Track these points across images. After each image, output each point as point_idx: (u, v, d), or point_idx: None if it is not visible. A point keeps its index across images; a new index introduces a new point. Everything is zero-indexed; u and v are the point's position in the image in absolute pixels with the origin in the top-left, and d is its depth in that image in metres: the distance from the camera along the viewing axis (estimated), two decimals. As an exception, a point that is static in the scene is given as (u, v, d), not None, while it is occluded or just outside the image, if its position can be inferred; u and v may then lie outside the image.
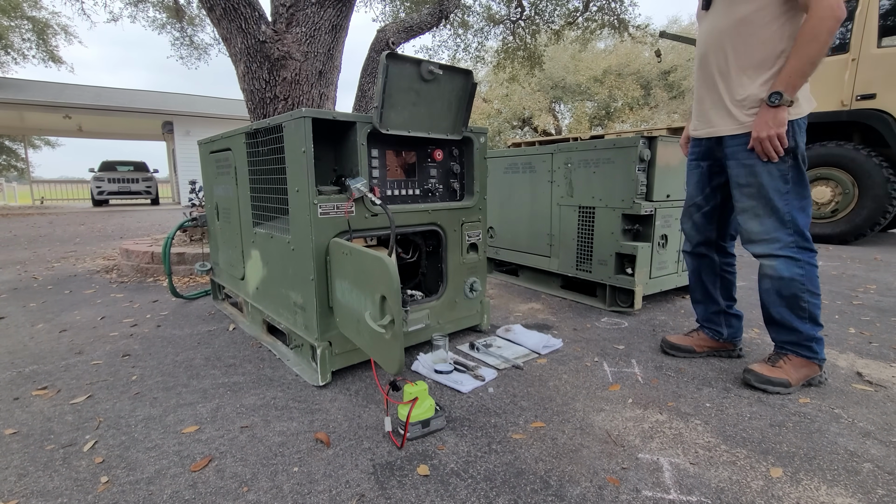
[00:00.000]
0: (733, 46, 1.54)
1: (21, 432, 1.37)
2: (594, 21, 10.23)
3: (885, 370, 1.76)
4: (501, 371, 1.75)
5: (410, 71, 1.59)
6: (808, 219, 1.55)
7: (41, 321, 2.46)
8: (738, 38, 1.52)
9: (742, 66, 1.53)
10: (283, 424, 1.39)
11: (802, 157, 1.51)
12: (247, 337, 2.16)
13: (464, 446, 1.27)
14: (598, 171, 2.56)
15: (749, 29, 1.50)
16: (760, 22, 1.48)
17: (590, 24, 10.27)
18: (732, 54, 1.54)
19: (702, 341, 1.89)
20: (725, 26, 1.55)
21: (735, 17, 1.52)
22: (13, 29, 14.40)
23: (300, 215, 1.57)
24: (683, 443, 1.28)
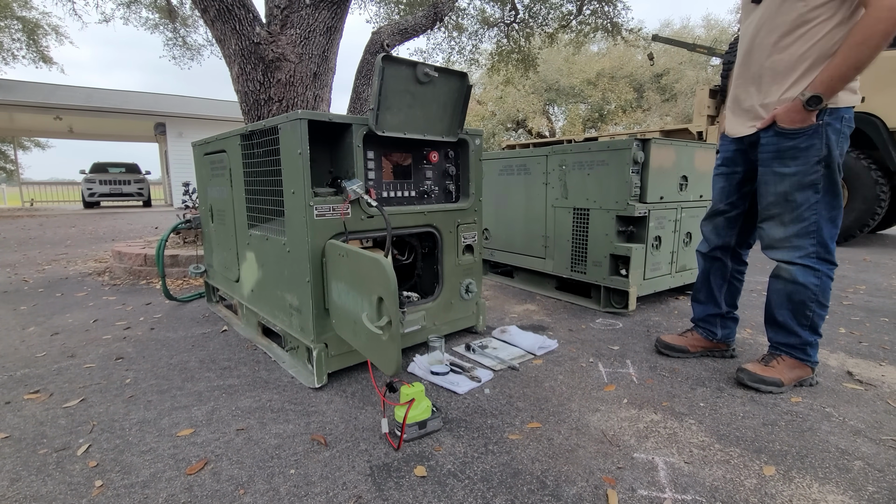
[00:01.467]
0: (785, 45, 1.46)
1: (13, 436, 1.35)
2: (588, 24, 10.29)
3: (874, 369, 1.79)
4: (497, 372, 1.75)
5: (406, 73, 1.60)
6: (835, 230, 1.51)
7: (32, 324, 2.43)
8: (789, 36, 1.45)
9: (789, 66, 1.46)
10: (280, 427, 1.38)
11: (837, 165, 1.46)
12: (242, 339, 2.15)
13: (460, 447, 1.27)
14: (593, 173, 2.58)
15: (805, 28, 1.42)
16: (818, 20, 1.40)
17: (583, 27, 10.34)
18: (781, 53, 1.47)
19: (696, 341, 1.90)
20: (778, 23, 1.47)
21: (790, 14, 1.43)
22: (2, 29, 14.25)
23: (296, 217, 1.57)
24: (678, 442, 1.29)
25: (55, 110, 13.52)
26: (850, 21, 1.39)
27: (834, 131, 1.44)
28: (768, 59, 1.51)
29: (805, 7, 1.41)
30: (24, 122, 16.37)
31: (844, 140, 1.47)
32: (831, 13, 1.39)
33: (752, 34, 1.57)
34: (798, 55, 1.45)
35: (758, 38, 1.54)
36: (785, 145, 1.49)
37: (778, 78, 1.50)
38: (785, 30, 1.46)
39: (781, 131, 1.49)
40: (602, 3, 9.90)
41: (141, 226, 8.50)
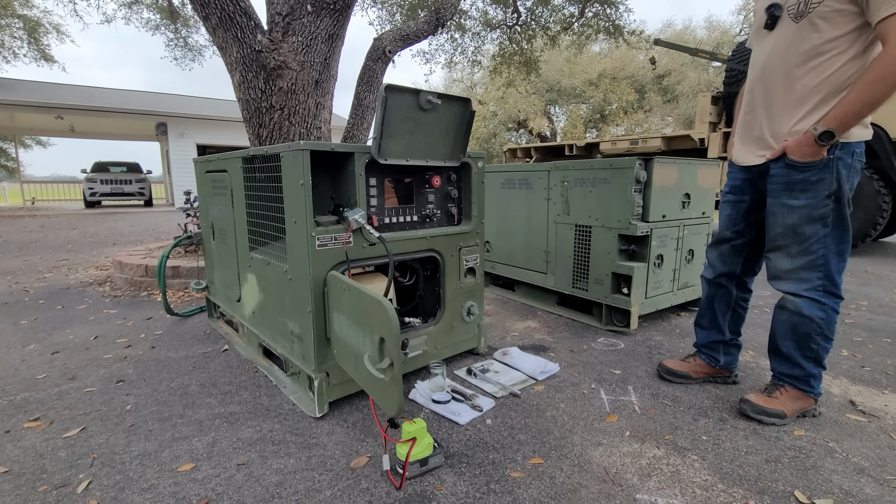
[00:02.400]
0: (798, 76, 1.44)
1: (13, 471, 1.35)
2: (590, 27, 10.26)
3: (877, 398, 1.78)
4: (499, 400, 1.75)
5: (409, 101, 1.59)
6: (843, 263, 1.51)
7: (33, 341, 2.43)
8: (803, 67, 1.43)
9: (801, 97, 1.45)
10: (281, 461, 1.38)
11: (847, 200, 1.45)
12: (242, 360, 2.14)
13: (462, 486, 1.27)
14: (595, 191, 2.57)
15: (819, 59, 1.41)
16: (832, 53, 1.39)
17: (585, 29, 10.31)
18: (793, 84, 1.45)
19: (698, 367, 1.90)
20: (791, 53, 1.45)
21: (805, 43, 1.42)
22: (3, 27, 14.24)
23: (297, 246, 1.56)
24: (681, 481, 1.29)
25: (56, 110, 13.50)
26: (865, 55, 1.38)
27: (845, 166, 1.44)
28: (780, 89, 1.50)
29: (820, 39, 1.40)
30: (26, 121, 16.36)
31: (855, 174, 1.46)
32: (846, 46, 1.38)
33: (763, 61, 1.55)
34: (811, 87, 1.44)
35: (769, 65, 1.53)
36: (795, 178, 1.48)
37: (789, 108, 1.49)
38: (798, 60, 1.45)
39: (792, 163, 1.48)
40: (604, 6, 9.87)
41: (142, 228, 8.49)
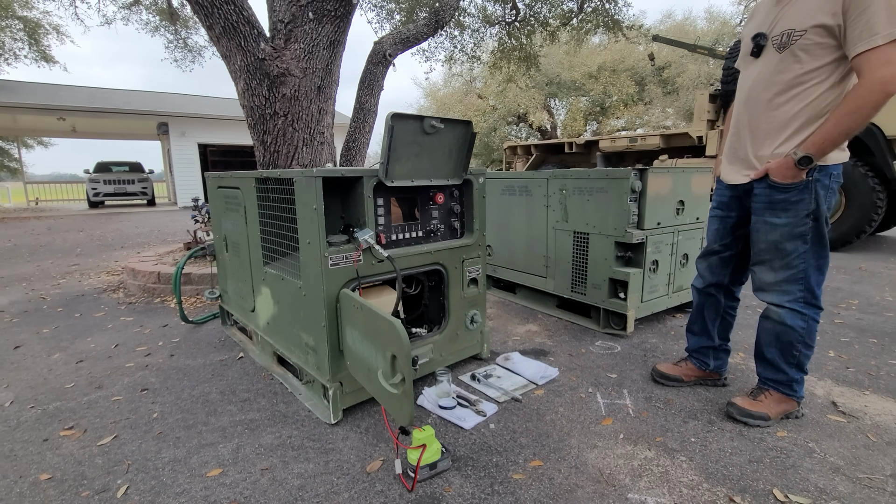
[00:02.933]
0: (780, 103, 1.54)
1: (56, 477, 1.47)
2: (589, 21, 10.27)
3: (858, 399, 1.89)
4: (501, 404, 1.86)
5: (414, 126, 1.68)
6: (822, 277, 1.61)
7: (57, 350, 2.55)
8: (784, 94, 1.53)
9: (782, 123, 1.54)
10: (301, 466, 1.49)
11: (825, 219, 1.55)
12: (258, 367, 2.26)
13: (468, 487, 1.38)
14: (592, 199, 2.67)
15: (799, 88, 1.50)
16: (812, 82, 1.48)
17: (584, 24, 10.32)
18: (775, 111, 1.55)
19: (689, 371, 2.01)
20: (775, 81, 1.54)
21: (788, 73, 1.51)
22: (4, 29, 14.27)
23: (311, 265, 1.67)
24: (669, 481, 1.40)
25: (58, 111, 13.58)
26: (842, 85, 1.48)
27: (823, 187, 1.53)
28: (763, 114, 1.60)
29: (801, 69, 1.50)
30: (28, 123, 16.44)
31: (833, 195, 1.56)
32: (825, 76, 1.48)
33: (749, 87, 1.65)
34: (792, 114, 1.53)
35: (755, 91, 1.62)
36: (777, 198, 1.58)
37: (772, 133, 1.58)
38: (780, 88, 1.54)
39: (773, 184, 1.57)
40: (603, 1, 9.88)
41: (148, 229, 8.61)
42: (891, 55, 1.33)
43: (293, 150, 4.61)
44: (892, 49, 1.33)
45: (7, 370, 2.29)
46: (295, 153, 4.61)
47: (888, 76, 1.33)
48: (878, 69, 1.34)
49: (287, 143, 4.56)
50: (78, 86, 17.32)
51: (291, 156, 4.59)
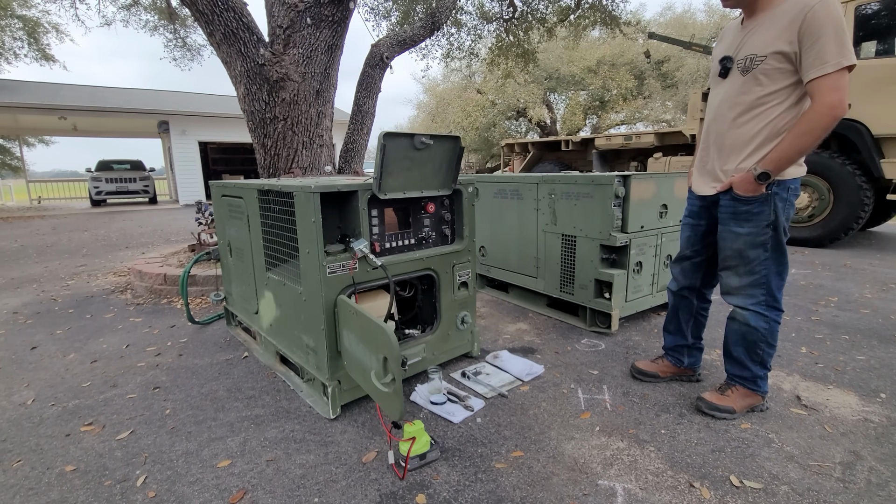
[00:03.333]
0: (743, 122, 1.67)
1: (79, 469, 1.62)
2: (586, 17, 10.33)
3: (822, 392, 2.03)
4: (489, 400, 2.00)
5: (405, 143, 1.81)
6: (782, 282, 1.75)
7: (72, 350, 2.69)
8: (747, 114, 1.66)
9: (745, 140, 1.67)
10: (303, 457, 1.64)
11: (784, 229, 1.68)
12: (262, 366, 2.40)
13: (454, 475, 1.53)
14: (579, 204, 2.79)
15: (759, 108, 1.63)
16: (771, 104, 1.61)
17: (582, 20, 10.37)
18: (739, 128, 1.68)
19: (666, 367, 2.15)
20: (738, 101, 1.67)
21: (750, 94, 1.64)
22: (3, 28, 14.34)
23: (310, 273, 1.80)
24: (637, 469, 1.54)
25: (59, 111, 13.68)
26: (798, 106, 1.60)
27: (781, 200, 1.66)
28: (728, 132, 1.72)
29: (762, 91, 1.63)
30: (29, 122, 16.54)
31: (791, 207, 1.69)
32: (783, 98, 1.61)
33: (717, 106, 1.77)
34: (754, 132, 1.66)
35: (721, 110, 1.75)
36: (740, 209, 1.71)
37: (736, 149, 1.71)
38: (743, 109, 1.67)
39: (737, 197, 1.70)
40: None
41: (151, 228, 8.75)
42: (839, 82, 1.46)
43: (293, 153, 4.73)
44: (841, 76, 1.46)
45: (26, 370, 2.44)
46: (295, 156, 4.73)
47: (836, 101, 1.46)
48: (828, 94, 1.47)
49: (287, 146, 4.68)
50: (79, 84, 17.40)
51: (291, 158, 4.72)
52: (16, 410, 2.03)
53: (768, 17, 1.60)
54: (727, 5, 1.70)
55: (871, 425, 1.78)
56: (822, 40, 1.46)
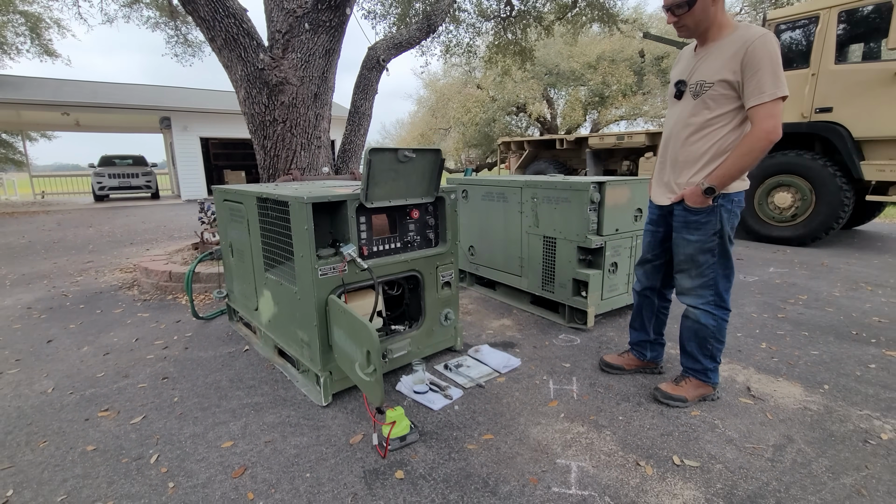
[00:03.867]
0: (693, 140, 1.85)
1: (99, 448, 1.82)
2: (583, 15, 10.44)
3: (771, 384, 2.22)
4: (467, 390, 2.20)
5: (390, 156, 1.99)
6: (729, 284, 1.94)
7: (85, 343, 2.90)
8: (696, 134, 1.84)
9: (695, 157, 1.85)
10: (297, 439, 1.84)
11: (729, 237, 1.87)
12: (261, 358, 2.60)
13: (430, 455, 1.73)
14: (559, 208, 2.98)
15: (707, 129, 1.81)
16: (717, 126, 1.79)
17: (579, 18, 10.48)
18: (690, 146, 1.86)
19: (630, 361, 2.34)
20: (690, 122, 1.85)
21: (699, 116, 1.82)
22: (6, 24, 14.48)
23: (304, 275, 1.99)
24: (592, 450, 1.74)
25: (62, 107, 13.84)
26: (741, 128, 1.79)
27: (726, 211, 1.85)
28: (681, 149, 1.91)
29: (710, 114, 1.81)
30: (32, 117, 16.70)
31: (735, 217, 1.87)
32: (728, 121, 1.79)
33: (672, 125, 1.96)
34: (703, 150, 1.84)
35: (675, 129, 1.93)
36: (690, 219, 1.89)
37: (687, 164, 1.89)
38: (694, 129, 1.86)
39: (687, 208, 1.89)
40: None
41: (154, 224, 8.95)
42: (774, 110, 1.64)
43: (292, 154, 4.92)
44: (775, 105, 1.64)
45: (45, 362, 2.64)
46: (294, 157, 4.92)
47: (771, 127, 1.65)
48: (765, 121, 1.65)
49: (286, 147, 4.87)
50: (82, 80, 17.53)
51: (290, 160, 4.91)
52: (38, 398, 2.23)
53: (717, 46, 1.77)
54: (682, 34, 1.87)
55: (809, 413, 1.97)
56: (760, 73, 1.64)
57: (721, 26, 1.77)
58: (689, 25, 1.79)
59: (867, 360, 2.47)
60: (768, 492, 1.52)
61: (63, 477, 1.66)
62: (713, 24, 1.77)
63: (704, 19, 1.76)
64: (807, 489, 1.53)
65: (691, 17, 1.75)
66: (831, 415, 1.96)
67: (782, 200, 5.65)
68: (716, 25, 1.77)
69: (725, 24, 1.76)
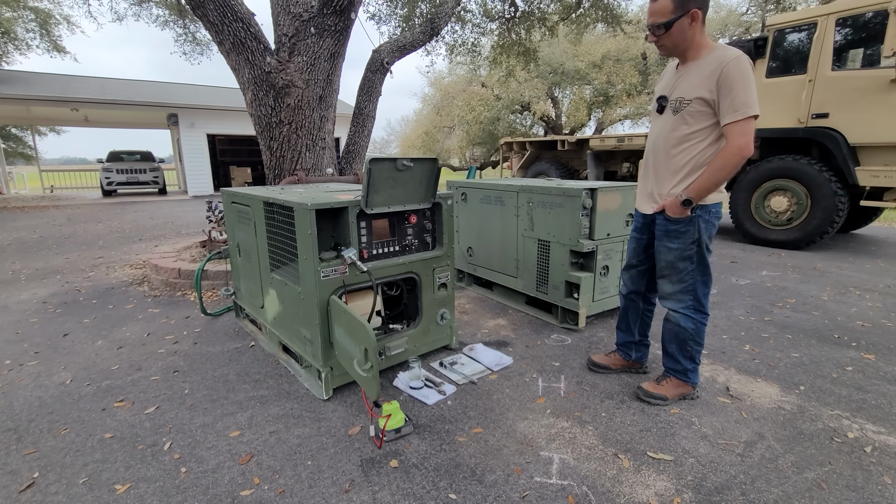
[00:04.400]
0: (672, 154, 1.96)
1: (116, 436, 1.96)
2: (588, 16, 10.50)
3: (749, 384, 2.33)
4: (460, 386, 2.33)
5: (388, 166, 2.12)
6: (707, 289, 2.05)
7: (99, 337, 3.05)
8: (676, 148, 1.95)
9: (675, 169, 1.97)
10: (299, 430, 1.97)
11: (706, 245, 1.98)
12: (266, 354, 2.74)
13: (423, 446, 1.86)
14: (552, 213, 3.09)
15: (686, 144, 1.92)
16: (695, 140, 1.90)
17: (583, 19, 10.54)
18: (670, 160, 1.97)
19: (616, 360, 2.46)
20: (670, 136, 1.95)
21: (678, 131, 1.93)
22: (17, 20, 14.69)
23: (307, 276, 2.12)
24: (574, 444, 1.86)
25: (71, 103, 14.03)
26: (718, 143, 1.89)
27: (704, 221, 1.96)
28: (663, 161, 2.02)
29: (688, 129, 1.92)
30: (41, 113, 16.93)
31: (713, 227, 1.98)
32: (706, 136, 1.90)
33: (654, 138, 2.07)
34: (682, 163, 1.95)
35: (658, 142, 2.04)
36: (671, 228, 2.01)
37: (668, 176, 2.01)
38: (674, 143, 1.96)
39: (668, 218, 2.00)
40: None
41: (162, 220, 9.12)
42: (746, 128, 1.75)
43: (297, 155, 5.05)
44: (747, 123, 1.75)
45: (62, 354, 2.79)
46: (299, 158, 5.05)
47: (743, 143, 1.76)
48: (738, 138, 1.76)
49: (291, 148, 5.00)
50: (90, 76, 17.73)
51: (295, 160, 5.04)
52: (57, 389, 2.38)
53: (695, 65, 1.88)
54: (662, 53, 1.98)
55: (783, 412, 2.09)
56: (733, 92, 1.75)
57: (699, 47, 1.87)
58: (668, 46, 1.90)
59: (845, 362, 2.58)
60: (735, 484, 1.64)
61: (84, 461, 1.80)
62: (692, 45, 1.87)
63: (682, 41, 1.86)
64: (771, 482, 1.64)
65: (669, 38, 1.86)
66: (803, 414, 2.07)
67: (778, 204, 5.73)
68: (694, 46, 1.87)
69: (704, 45, 1.87)
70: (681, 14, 1.81)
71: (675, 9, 1.81)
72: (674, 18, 1.82)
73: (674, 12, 1.81)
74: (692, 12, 1.81)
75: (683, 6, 1.80)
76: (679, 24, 1.82)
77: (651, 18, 1.88)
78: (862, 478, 1.67)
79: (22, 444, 1.91)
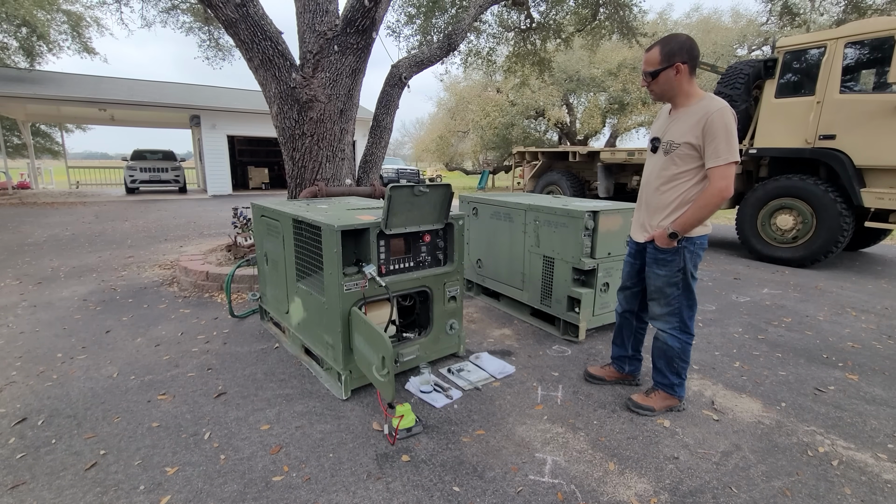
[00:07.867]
0: (662, 190, 2.17)
1: (162, 425, 2.23)
2: (604, 28, 10.66)
3: (734, 399, 2.52)
4: (466, 392, 2.56)
5: (407, 192, 2.36)
6: (692, 312, 2.26)
7: (138, 335, 3.34)
8: (666, 185, 2.16)
9: (664, 205, 2.18)
10: (322, 426, 2.22)
11: (691, 273, 2.19)
12: (290, 356, 3.00)
13: (431, 444, 2.09)
14: (557, 232, 3.30)
15: (674, 182, 2.14)
16: (683, 179, 2.12)
17: (598, 30, 10.70)
18: (660, 195, 2.18)
19: (611, 373, 2.67)
20: (661, 174, 2.16)
21: (668, 170, 2.14)
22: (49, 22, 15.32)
23: (332, 288, 2.37)
24: (566, 447, 2.08)
25: (100, 104, 14.59)
26: (702, 182, 2.10)
27: (689, 252, 2.16)
28: (653, 196, 2.23)
29: (677, 170, 2.13)
30: (71, 112, 17.58)
31: (698, 257, 2.19)
32: (692, 176, 2.11)
33: (647, 175, 2.29)
34: (671, 199, 2.17)
35: (650, 178, 2.26)
36: (659, 256, 2.21)
37: (658, 210, 2.22)
38: (664, 180, 2.18)
39: (656, 247, 2.21)
40: (617, 9, 10.24)
41: (185, 220, 9.51)
42: (726, 172, 1.96)
43: (318, 165, 5.33)
44: (728, 168, 1.96)
45: (107, 350, 3.09)
46: (319, 168, 5.33)
47: (724, 186, 1.97)
48: (719, 181, 1.97)
49: (313, 159, 5.28)
50: (118, 77, 18.35)
51: (316, 171, 5.32)
52: (106, 381, 2.66)
53: (685, 112, 2.09)
54: (653, 97, 2.18)
55: (761, 427, 2.27)
56: (716, 140, 1.95)
57: (688, 95, 2.08)
58: (657, 91, 2.11)
59: (829, 382, 2.75)
60: (708, 488, 1.84)
61: (136, 446, 2.07)
62: (679, 93, 2.09)
63: (669, 89, 2.08)
64: (741, 488, 1.84)
65: (657, 85, 2.08)
66: (780, 429, 2.26)
67: (784, 222, 5.85)
68: (682, 94, 2.08)
69: (693, 93, 2.08)
70: (666, 66, 2.02)
71: (662, 61, 2.02)
72: (660, 69, 2.03)
73: (660, 63, 2.03)
74: (676, 65, 2.02)
75: (669, 59, 2.02)
76: (665, 75, 2.04)
77: (643, 66, 2.10)
78: (824, 488, 1.85)
79: (82, 429, 2.19)
